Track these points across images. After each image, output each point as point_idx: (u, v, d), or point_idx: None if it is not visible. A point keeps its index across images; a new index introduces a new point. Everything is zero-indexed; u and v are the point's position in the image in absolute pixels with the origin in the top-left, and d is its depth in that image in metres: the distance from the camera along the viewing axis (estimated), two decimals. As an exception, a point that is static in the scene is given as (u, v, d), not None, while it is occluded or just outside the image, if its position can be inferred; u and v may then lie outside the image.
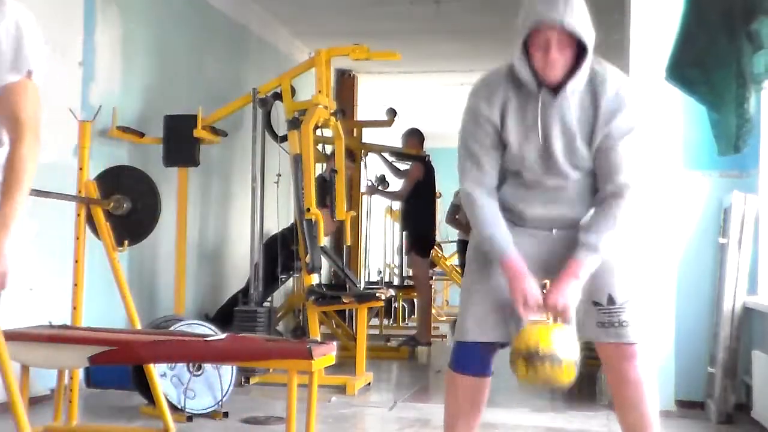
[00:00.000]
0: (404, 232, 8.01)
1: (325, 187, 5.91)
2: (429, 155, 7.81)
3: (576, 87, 2.55)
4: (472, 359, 2.76)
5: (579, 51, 2.52)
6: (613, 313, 2.66)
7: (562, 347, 2.52)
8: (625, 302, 2.67)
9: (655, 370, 2.77)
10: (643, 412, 2.69)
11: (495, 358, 2.80)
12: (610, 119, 2.56)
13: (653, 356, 2.76)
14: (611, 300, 2.66)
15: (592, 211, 2.68)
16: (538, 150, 2.61)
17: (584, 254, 2.59)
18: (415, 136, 7.77)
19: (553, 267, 2.70)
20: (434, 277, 10.19)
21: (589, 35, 2.50)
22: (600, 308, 2.67)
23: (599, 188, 2.65)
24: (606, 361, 2.75)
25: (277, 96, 5.76)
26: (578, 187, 2.67)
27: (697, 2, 3.74)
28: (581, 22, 2.48)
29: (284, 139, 5.71)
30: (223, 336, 3.44)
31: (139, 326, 3.90)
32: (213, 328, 4.28)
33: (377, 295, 5.64)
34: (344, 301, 5.51)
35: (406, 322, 10.06)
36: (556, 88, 2.56)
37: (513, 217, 2.70)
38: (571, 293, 2.59)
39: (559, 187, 2.67)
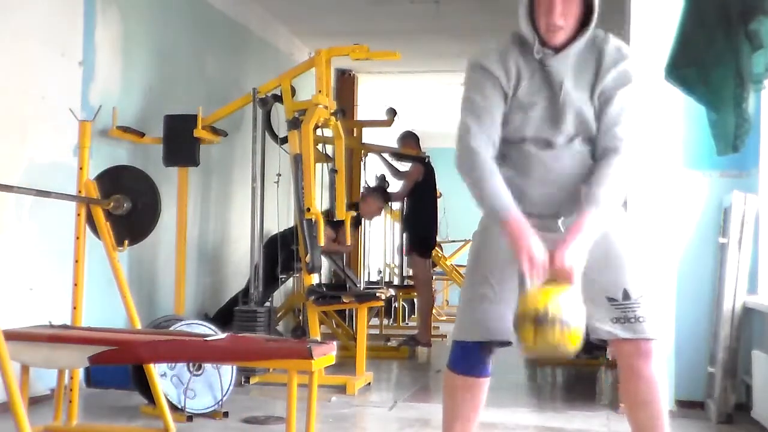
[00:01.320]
0: (404, 234, 7.99)
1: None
2: (429, 156, 7.81)
3: (580, 48, 2.56)
4: (471, 360, 2.74)
5: (583, 17, 2.53)
6: (629, 308, 2.60)
7: (571, 311, 2.39)
8: (640, 297, 2.60)
9: (664, 368, 2.75)
10: (655, 411, 2.67)
11: (493, 357, 2.80)
12: (609, 69, 2.56)
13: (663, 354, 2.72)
14: (626, 295, 2.59)
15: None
16: (545, 109, 2.60)
17: (587, 206, 2.51)
18: (410, 138, 7.76)
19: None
20: (434, 277, 10.20)
21: None
22: (614, 303, 2.60)
23: (598, 144, 2.60)
24: (621, 357, 2.68)
25: (277, 96, 5.76)
26: (580, 158, 2.62)
27: (696, 2, 3.74)
28: None
29: (285, 140, 5.71)
30: (223, 336, 3.44)
31: (139, 326, 3.91)
32: (213, 328, 4.28)
33: (377, 294, 5.64)
34: (344, 300, 5.52)
35: (406, 321, 10.06)
36: (559, 49, 2.56)
37: (516, 201, 2.60)
38: (577, 252, 2.46)
39: (562, 157, 2.61)
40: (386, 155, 8.15)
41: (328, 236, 6.01)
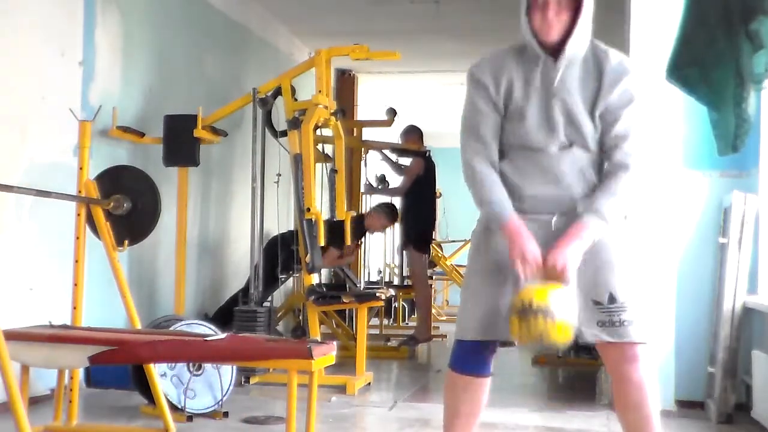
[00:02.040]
0: (403, 227, 7.98)
1: (334, 229, 5.87)
2: (429, 150, 7.80)
3: (576, 49, 2.58)
4: (472, 359, 2.75)
5: (576, 16, 2.55)
6: (614, 312, 2.62)
7: (558, 305, 2.49)
8: (626, 301, 2.62)
9: (655, 370, 2.76)
10: (645, 414, 2.68)
11: (494, 357, 2.80)
12: (612, 86, 2.59)
13: (653, 356, 2.74)
14: (612, 299, 2.62)
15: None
16: (540, 116, 2.62)
17: (588, 217, 2.57)
18: (413, 133, 7.76)
19: None
20: (434, 277, 10.21)
21: None
22: (600, 307, 2.62)
23: (605, 159, 2.64)
24: (608, 361, 2.71)
25: (278, 95, 5.76)
26: (579, 164, 2.65)
27: (696, 2, 3.74)
28: None
29: (284, 134, 5.70)
30: (223, 336, 3.44)
31: (139, 326, 3.90)
32: (213, 327, 4.28)
33: (377, 294, 5.64)
34: (344, 300, 5.51)
35: (406, 321, 10.06)
36: (557, 52, 2.58)
37: (512, 199, 2.66)
38: (572, 254, 2.55)
39: (559, 162, 2.65)
40: (387, 152, 8.15)
41: (333, 256, 6.02)
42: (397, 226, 8.54)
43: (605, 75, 2.59)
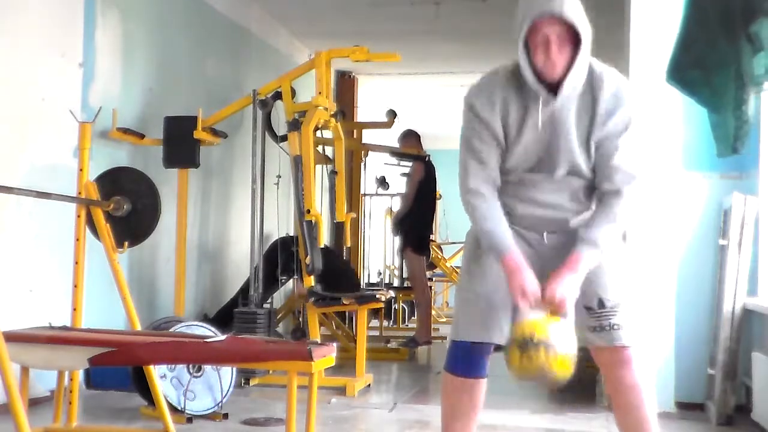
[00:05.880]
0: (402, 231, 7.97)
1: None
2: (429, 155, 7.80)
3: (575, 84, 2.55)
4: (466, 360, 2.76)
5: (576, 50, 2.52)
6: (604, 316, 2.64)
7: (558, 338, 2.47)
8: (616, 305, 2.65)
9: (653, 372, 2.77)
10: (641, 416, 2.69)
11: (490, 359, 2.79)
12: (606, 119, 2.57)
13: (653, 358, 2.76)
14: (601, 303, 2.65)
15: (586, 213, 2.67)
16: (537, 149, 2.61)
17: (584, 248, 2.57)
18: (411, 137, 7.76)
19: (546, 276, 2.70)
20: (434, 279, 10.20)
21: (585, 29, 2.50)
22: (591, 312, 2.66)
23: (598, 186, 2.64)
24: (602, 366, 2.74)
25: (278, 97, 5.76)
26: (572, 189, 2.67)
27: (697, 3, 3.74)
28: (579, 15, 2.49)
29: (284, 138, 5.70)
30: (222, 337, 3.44)
31: (139, 327, 3.90)
32: (213, 329, 4.28)
33: (377, 296, 5.64)
34: (344, 302, 5.51)
35: (406, 323, 10.06)
36: (556, 88, 2.55)
37: (505, 215, 2.67)
38: (569, 287, 2.55)
39: (554, 190, 2.66)
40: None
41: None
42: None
43: (599, 107, 2.56)
